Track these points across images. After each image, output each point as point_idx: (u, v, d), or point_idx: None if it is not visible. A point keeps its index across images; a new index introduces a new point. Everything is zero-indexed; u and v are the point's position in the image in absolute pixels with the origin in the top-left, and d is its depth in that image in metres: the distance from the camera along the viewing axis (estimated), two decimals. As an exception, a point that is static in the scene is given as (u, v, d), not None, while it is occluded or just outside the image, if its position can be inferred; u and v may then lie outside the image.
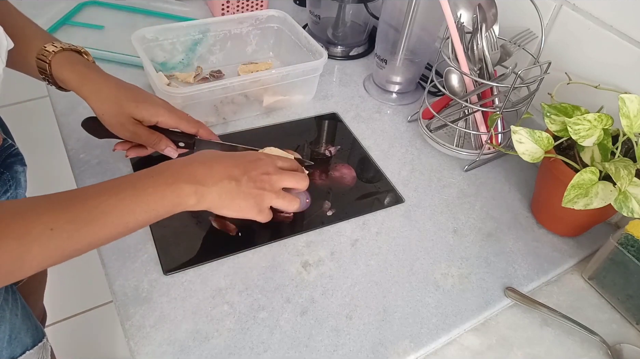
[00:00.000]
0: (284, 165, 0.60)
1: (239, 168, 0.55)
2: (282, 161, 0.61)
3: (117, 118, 0.63)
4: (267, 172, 0.57)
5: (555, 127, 0.63)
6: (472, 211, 0.71)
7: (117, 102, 0.62)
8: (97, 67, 0.65)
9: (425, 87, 0.81)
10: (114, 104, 0.62)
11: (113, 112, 0.62)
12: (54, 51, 0.61)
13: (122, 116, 0.63)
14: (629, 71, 0.67)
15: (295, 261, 0.62)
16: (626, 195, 0.55)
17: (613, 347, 0.58)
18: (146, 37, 0.79)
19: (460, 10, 0.73)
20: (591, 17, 0.70)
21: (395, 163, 0.76)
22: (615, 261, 0.61)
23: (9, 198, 0.67)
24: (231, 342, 0.54)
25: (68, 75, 0.62)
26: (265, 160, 0.59)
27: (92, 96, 0.62)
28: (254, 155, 0.59)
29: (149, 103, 0.64)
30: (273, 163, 0.59)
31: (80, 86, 0.62)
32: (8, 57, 0.55)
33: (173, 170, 0.52)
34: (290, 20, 0.86)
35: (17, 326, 0.65)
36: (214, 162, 0.55)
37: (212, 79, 0.85)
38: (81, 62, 0.63)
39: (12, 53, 0.56)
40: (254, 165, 0.57)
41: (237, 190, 0.54)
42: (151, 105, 0.63)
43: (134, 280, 0.57)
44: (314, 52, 0.82)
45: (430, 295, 0.61)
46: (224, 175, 0.54)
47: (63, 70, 0.62)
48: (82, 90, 0.62)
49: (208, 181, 0.53)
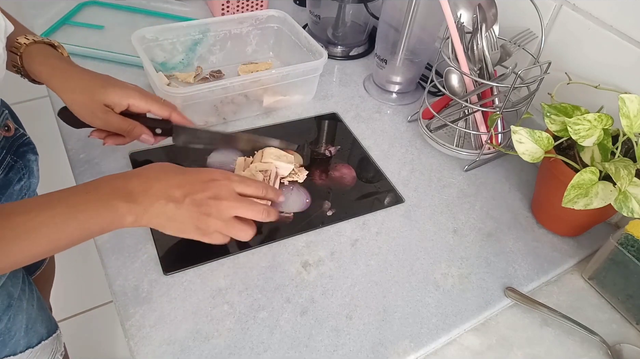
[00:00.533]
0: (245, 191, 0.55)
1: (182, 188, 0.51)
2: (245, 185, 0.55)
3: (87, 106, 0.61)
4: (216, 196, 0.52)
5: (555, 127, 0.63)
6: (472, 211, 0.71)
7: (86, 90, 0.61)
8: (69, 60, 0.64)
9: (425, 87, 0.81)
10: (83, 93, 0.61)
11: (82, 100, 0.61)
12: (26, 43, 0.61)
13: (92, 104, 0.61)
14: (629, 71, 0.67)
15: (295, 261, 0.62)
16: (626, 195, 0.55)
17: (613, 347, 0.58)
18: (146, 37, 0.79)
19: (460, 10, 0.73)
20: (591, 17, 0.70)
21: (395, 163, 0.76)
22: (615, 261, 0.61)
23: (22, 187, 0.67)
24: (231, 342, 0.54)
25: (38, 67, 0.61)
26: (220, 182, 0.53)
27: (61, 87, 0.61)
28: (210, 174, 0.54)
29: (118, 87, 0.62)
30: (229, 187, 0.53)
31: (49, 78, 0.61)
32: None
33: (110, 186, 0.50)
34: (290, 20, 0.86)
35: (33, 317, 0.65)
36: (155, 180, 0.51)
37: (212, 79, 0.85)
38: (53, 55, 0.62)
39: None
40: (203, 186, 0.52)
41: (175, 213, 0.50)
42: (120, 89, 0.62)
43: (134, 280, 0.57)
44: (314, 52, 0.82)
45: (430, 295, 0.61)
46: (162, 195, 0.50)
47: (34, 62, 0.61)
48: (52, 82, 0.61)
49: (144, 200, 0.49)
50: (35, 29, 0.90)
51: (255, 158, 0.70)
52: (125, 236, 0.61)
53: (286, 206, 0.67)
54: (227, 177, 0.54)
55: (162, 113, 0.64)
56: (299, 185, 0.70)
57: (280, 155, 0.69)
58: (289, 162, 0.69)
